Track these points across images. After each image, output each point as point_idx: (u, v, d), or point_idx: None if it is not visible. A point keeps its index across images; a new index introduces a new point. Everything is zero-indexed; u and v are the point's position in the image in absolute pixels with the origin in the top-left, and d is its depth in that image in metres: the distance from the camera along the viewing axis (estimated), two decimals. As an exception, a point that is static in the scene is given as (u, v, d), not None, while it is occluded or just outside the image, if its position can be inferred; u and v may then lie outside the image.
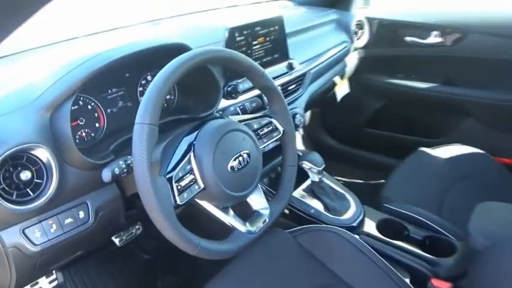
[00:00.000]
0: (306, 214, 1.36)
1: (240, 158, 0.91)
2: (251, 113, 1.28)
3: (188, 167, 0.84)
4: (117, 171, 0.87)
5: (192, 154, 0.85)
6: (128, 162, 0.90)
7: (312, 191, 1.39)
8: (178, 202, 0.80)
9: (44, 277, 1.29)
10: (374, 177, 2.22)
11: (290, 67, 1.48)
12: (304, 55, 1.60)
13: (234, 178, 0.90)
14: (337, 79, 1.95)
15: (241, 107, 1.18)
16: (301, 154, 1.35)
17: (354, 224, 1.30)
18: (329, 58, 1.75)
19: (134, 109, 1.16)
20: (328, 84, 1.88)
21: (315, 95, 1.72)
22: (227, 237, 0.93)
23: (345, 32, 1.92)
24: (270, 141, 1.03)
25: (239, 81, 1.29)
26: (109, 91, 1.12)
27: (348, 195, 1.41)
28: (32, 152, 0.83)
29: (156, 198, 0.74)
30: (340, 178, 2.10)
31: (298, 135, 2.13)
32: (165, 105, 1.23)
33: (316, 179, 1.38)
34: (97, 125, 1.09)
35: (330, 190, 1.41)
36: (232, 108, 1.20)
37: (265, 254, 1.10)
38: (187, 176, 0.83)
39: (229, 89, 1.27)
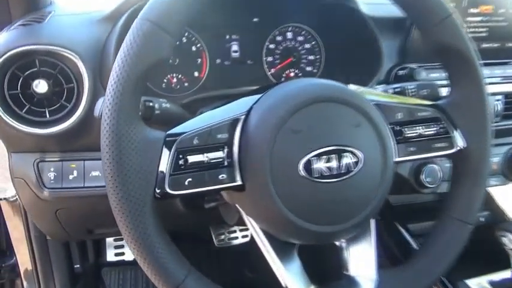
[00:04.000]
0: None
1: (335, 158, 0.45)
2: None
3: (222, 136, 0.45)
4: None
5: (241, 122, 0.45)
6: (163, 105, 0.56)
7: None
8: (168, 190, 0.42)
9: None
10: None
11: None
12: None
13: (315, 191, 0.45)
14: None
15: (398, 89, 0.67)
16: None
17: None
18: None
19: (252, 69, 0.86)
20: None
21: None
22: None
23: None
24: (424, 155, 0.51)
25: (421, 65, 0.78)
26: (226, 36, 0.83)
27: None
28: (67, 64, 0.61)
29: (119, 167, 0.39)
30: None
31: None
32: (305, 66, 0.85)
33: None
34: (196, 74, 0.82)
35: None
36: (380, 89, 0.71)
37: None
38: (211, 151, 0.44)
39: (401, 72, 0.78)
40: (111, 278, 1.19)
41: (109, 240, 1.23)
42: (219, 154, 0.43)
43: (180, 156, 0.42)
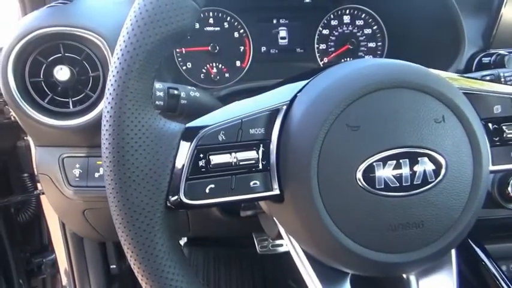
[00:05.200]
0: None
1: (407, 164, 0.33)
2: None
3: (256, 131, 0.35)
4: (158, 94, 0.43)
5: (282, 114, 0.35)
6: (192, 93, 0.47)
7: None
8: (184, 198, 0.33)
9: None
10: None
11: None
12: None
13: (377, 208, 0.33)
14: None
15: (488, 77, 0.52)
16: None
17: None
18: None
19: (302, 59, 0.76)
20: None
21: None
22: None
23: None
24: None
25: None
26: (273, 21, 0.73)
27: None
28: (93, 49, 0.55)
29: (120, 168, 0.30)
30: None
31: None
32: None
33: None
34: (238, 63, 0.73)
35: None
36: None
37: None
38: (241, 150, 0.34)
39: (486, 59, 0.63)
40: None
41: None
42: (252, 154, 0.33)
43: (201, 155, 0.32)
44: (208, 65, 0.72)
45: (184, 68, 0.71)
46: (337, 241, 0.33)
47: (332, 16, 0.74)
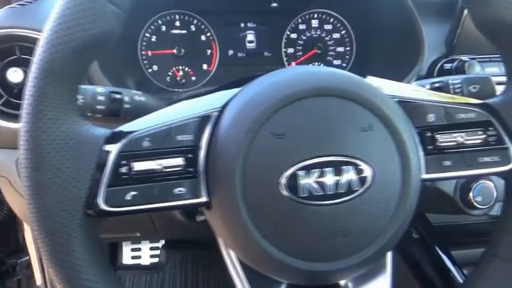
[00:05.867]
0: None
1: (332, 173, 0.33)
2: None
3: (185, 138, 0.34)
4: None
5: (212, 121, 0.35)
6: (137, 98, 0.46)
7: None
8: (103, 206, 0.32)
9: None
10: None
11: None
12: None
13: (301, 216, 0.33)
14: None
15: (437, 85, 0.52)
16: None
17: None
18: None
19: (270, 63, 0.76)
20: None
21: None
22: None
23: None
24: (464, 173, 0.37)
25: (475, 57, 0.63)
26: (241, 24, 0.73)
27: None
28: None
29: (35, 174, 0.29)
30: None
31: None
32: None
33: None
34: (204, 66, 0.73)
35: None
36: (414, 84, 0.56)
37: None
38: (167, 157, 0.34)
39: (448, 65, 0.63)
40: (124, 282, 1.13)
41: (126, 242, 1.19)
42: (178, 161, 0.33)
43: (124, 162, 0.32)
44: (174, 68, 0.72)
45: (150, 71, 0.71)
46: (263, 250, 0.32)
47: (300, 20, 0.74)
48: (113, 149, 0.32)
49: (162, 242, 1.19)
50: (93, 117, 0.43)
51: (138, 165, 0.32)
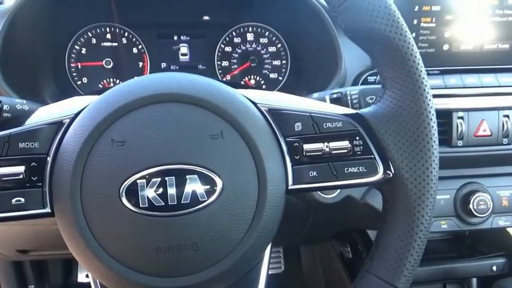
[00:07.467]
0: None
1: (173, 183, 0.31)
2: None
3: (27, 146, 0.32)
4: None
5: (63, 128, 0.33)
6: (19, 107, 0.44)
7: None
8: None
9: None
10: None
11: None
12: None
13: (142, 228, 0.31)
14: None
15: (335, 96, 0.50)
16: None
17: None
18: None
19: (204, 74, 0.74)
20: None
21: None
22: None
23: None
24: (330, 184, 0.36)
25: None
26: (174, 37, 0.73)
27: None
28: None
29: None
30: None
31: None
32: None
33: None
34: (136, 79, 0.72)
35: None
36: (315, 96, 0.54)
37: None
38: (4, 165, 0.32)
39: (372, 78, 0.63)
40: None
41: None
42: (17, 169, 0.32)
43: None
44: (105, 81, 0.71)
45: (79, 83, 0.70)
46: (103, 263, 0.31)
47: (235, 34, 0.74)
48: None
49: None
50: None
51: None
